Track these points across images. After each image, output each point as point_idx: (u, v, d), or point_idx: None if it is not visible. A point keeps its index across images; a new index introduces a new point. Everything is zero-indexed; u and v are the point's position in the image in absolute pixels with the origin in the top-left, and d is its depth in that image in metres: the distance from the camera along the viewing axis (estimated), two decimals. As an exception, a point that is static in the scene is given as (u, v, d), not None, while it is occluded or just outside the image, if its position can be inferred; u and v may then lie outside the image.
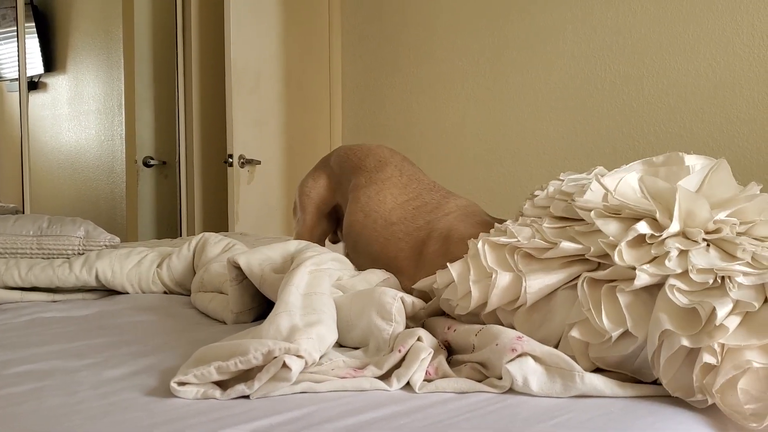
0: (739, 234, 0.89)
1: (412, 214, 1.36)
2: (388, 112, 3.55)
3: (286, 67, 3.68)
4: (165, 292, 1.50)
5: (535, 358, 0.87)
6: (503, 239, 1.01)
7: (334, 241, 1.64)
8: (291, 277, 1.01)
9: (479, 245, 1.01)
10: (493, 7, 3.09)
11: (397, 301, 0.98)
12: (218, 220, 3.89)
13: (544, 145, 2.93)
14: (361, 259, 1.43)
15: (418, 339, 0.92)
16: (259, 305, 1.25)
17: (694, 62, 2.49)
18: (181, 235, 3.88)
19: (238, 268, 1.22)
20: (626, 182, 1.02)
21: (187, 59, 3.93)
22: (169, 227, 4.00)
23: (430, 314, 1.10)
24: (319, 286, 1.01)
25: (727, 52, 2.41)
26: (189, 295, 1.46)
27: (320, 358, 0.90)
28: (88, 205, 4.11)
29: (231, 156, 3.43)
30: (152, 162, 4.06)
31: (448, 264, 1.03)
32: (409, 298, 1.01)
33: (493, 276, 0.97)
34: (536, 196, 1.15)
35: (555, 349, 0.87)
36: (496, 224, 1.11)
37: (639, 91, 2.64)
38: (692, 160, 1.03)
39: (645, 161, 1.08)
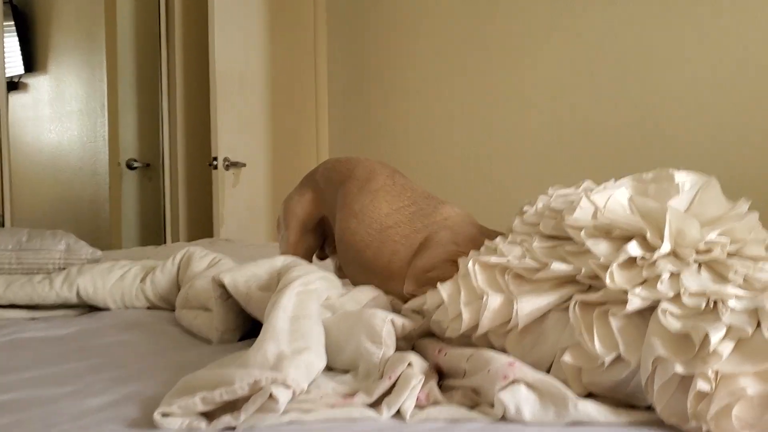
0: (729, 254, 0.88)
1: (408, 218, 1.34)
2: (375, 114, 3.52)
3: (272, 69, 3.65)
4: (149, 308, 1.47)
5: (528, 385, 0.85)
6: (494, 259, 1.00)
7: (322, 257, 1.62)
8: (278, 300, 0.99)
9: (469, 265, 1.00)
10: (478, 10, 3.07)
11: (387, 324, 0.96)
12: (203, 223, 3.85)
13: (531, 146, 2.92)
14: (351, 267, 1.40)
15: (409, 365, 0.90)
16: (245, 323, 1.23)
17: (679, 65, 2.49)
18: (165, 240, 3.84)
19: (223, 286, 1.19)
20: (615, 199, 1.01)
21: (170, 60, 3.89)
22: (153, 231, 3.95)
23: (420, 335, 1.08)
24: (307, 308, 0.99)
25: (711, 56, 2.41)
26: (173, 310, 1.44)
27: (308, 385, 0.88)
28: (70, 208, 4.06)
29: (216, 159, 3.40)
30: (136, 164, 4.01)
31: (438, 284, 1.02)
32: (400, 320, 0.99)
33: (484, 298, 0.95)
34: (525, 212, 1.13)
35: (548, 375, 0.86)
36: (486, 241, 1.10)
37: (624, 93, 2.63)
38: (682, 177, 1.02)
39: (634, 177, 1.07)
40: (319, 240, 1.58)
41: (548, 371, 0.91)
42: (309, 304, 1.00)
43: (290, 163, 3.74)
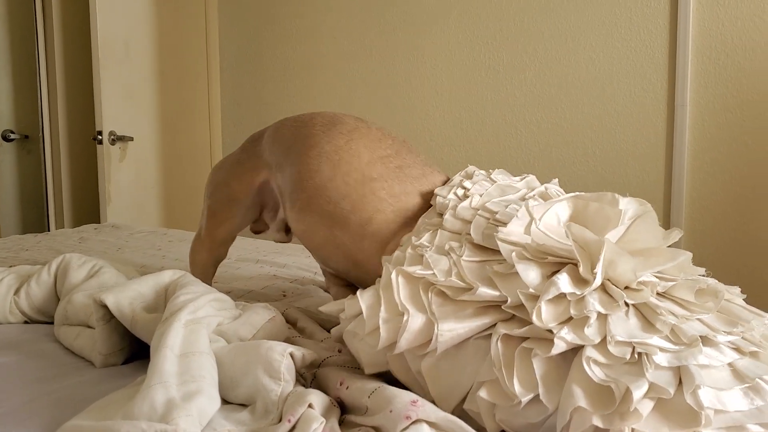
0: (659, 294, 0.87)
1: (396, 174, 1.18)
2: (270, 88, 3.41)
3: (159, 35, 3.46)
4: (26, 322, 1.36)
5: (431, 425, 0.83)
6: (419, 271, 0.94)
7: (258, 231, 1.43)
8: (164, 336, 0.92)
9: (393, 276, 0.94)
10: (377, -17, 3.00)
11: (286, 358, 0.91)
12: (89, 201, 3.65)
13: (430, 130, 2.91)
14: (312, 219, 1.22)
15: (309, 405, 0.86)
16: (130, 344, 1.15)
17: (574, 53, 2.52)
18: (48, 223, 3.61)
19: (106, 306, 1.11)
20: (554, 212, 0.98)
21: (47, 21, 3.61)
22: (35, 209, 3.71)
23: (335, 339, 1.05)
24: (197, 342, 0.93)
25: (606, 44, 2.45)
26: (52, 323, 1.34)
27: (202, 430, 0.83)
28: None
29: (100, 132, 3.21)
30: (12, 136, 3.74)
31: (358, 293, 0.97)
32: (299, 351, 0.94)
33: (405, 317, 0.91)
34: (466, 188, 1.08)
35: (451, 416, 0.84)
36: (414, 238, 1.04)
37: (521, 79, 2.65)
38: (624, 204, 1.00)
39: (577, 195, 1.04)
40: (255, 213, 1.39)
41: (463, 400, 0.89)
42: (199, 337, 0.94)
43: (181, 136, 3.58)
